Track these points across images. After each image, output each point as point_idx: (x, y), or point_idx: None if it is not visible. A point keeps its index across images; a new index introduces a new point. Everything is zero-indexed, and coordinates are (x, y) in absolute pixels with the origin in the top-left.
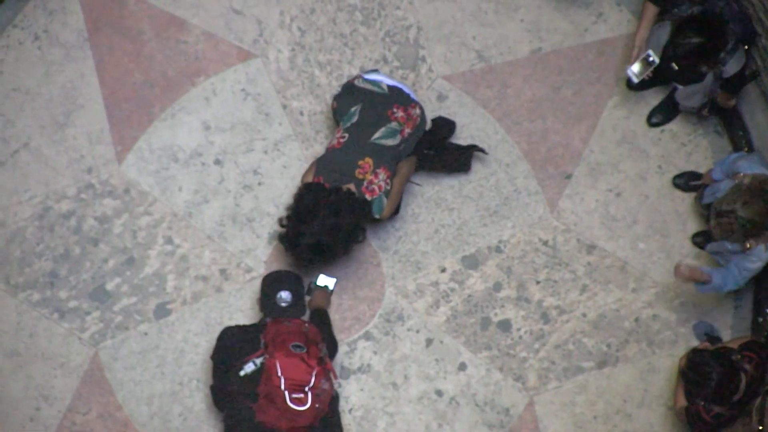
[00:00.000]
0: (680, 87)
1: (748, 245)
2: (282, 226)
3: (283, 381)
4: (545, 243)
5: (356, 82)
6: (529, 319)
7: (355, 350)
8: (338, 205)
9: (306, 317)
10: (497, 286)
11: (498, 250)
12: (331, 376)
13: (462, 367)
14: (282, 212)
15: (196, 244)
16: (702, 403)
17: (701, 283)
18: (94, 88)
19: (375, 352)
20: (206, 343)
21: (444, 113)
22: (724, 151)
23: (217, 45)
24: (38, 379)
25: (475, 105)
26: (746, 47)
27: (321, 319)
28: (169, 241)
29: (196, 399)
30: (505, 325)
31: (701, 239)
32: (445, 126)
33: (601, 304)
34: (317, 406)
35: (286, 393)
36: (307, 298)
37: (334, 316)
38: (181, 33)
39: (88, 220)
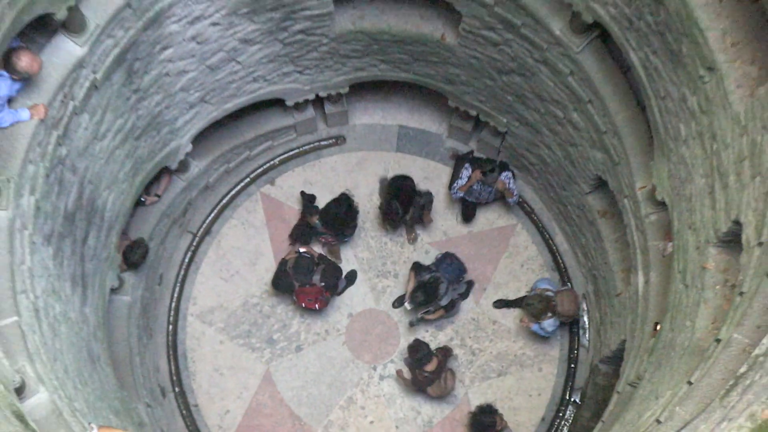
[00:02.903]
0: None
1: (541, 318)
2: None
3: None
4: (473, 319)
5: None
6: (467, 354)
7: (386, 367)
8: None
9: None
10: (451, 340)
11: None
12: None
13: None
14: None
15: (315, 319)
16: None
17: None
18: (268, 247)
19: (394, 368)
20: (319, 364)
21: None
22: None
23: None
24: (239, 377)
25: None
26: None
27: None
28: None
29: (314, 390)
30: (455, 357)
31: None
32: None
33: (499, 348)
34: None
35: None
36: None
37: (375, 351)
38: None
39: (264, 307)
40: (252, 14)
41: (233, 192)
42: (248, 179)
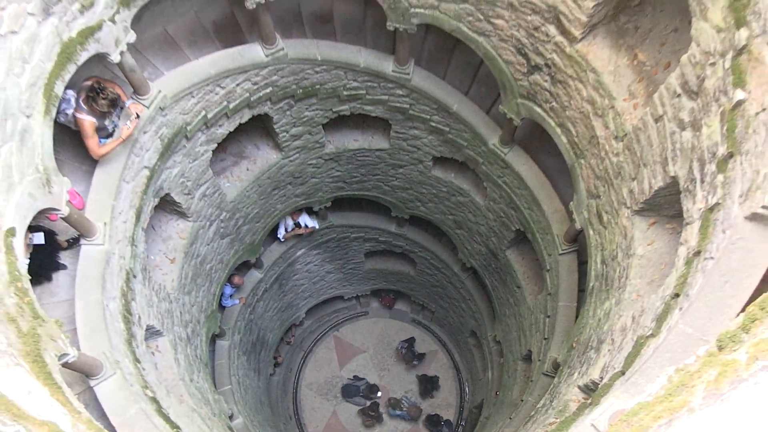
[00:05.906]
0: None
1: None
2: None
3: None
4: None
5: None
6: (418, 401)
7: (385, 409)
8: None
9: None
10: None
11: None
12: None
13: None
14: None
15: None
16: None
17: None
18: (335, 358)
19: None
20: (357, 407)
21: None
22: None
23: None
24: (324, 413)
25: None
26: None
27: None
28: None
29: (357, 419)
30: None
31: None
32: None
33: (431, 400)
34: None
35: None
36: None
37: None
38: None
39: (332, 380)
40: (330, 261)
41: (321, 334)
42: (327, 328)
